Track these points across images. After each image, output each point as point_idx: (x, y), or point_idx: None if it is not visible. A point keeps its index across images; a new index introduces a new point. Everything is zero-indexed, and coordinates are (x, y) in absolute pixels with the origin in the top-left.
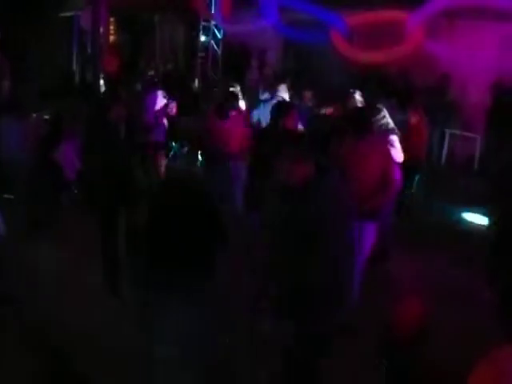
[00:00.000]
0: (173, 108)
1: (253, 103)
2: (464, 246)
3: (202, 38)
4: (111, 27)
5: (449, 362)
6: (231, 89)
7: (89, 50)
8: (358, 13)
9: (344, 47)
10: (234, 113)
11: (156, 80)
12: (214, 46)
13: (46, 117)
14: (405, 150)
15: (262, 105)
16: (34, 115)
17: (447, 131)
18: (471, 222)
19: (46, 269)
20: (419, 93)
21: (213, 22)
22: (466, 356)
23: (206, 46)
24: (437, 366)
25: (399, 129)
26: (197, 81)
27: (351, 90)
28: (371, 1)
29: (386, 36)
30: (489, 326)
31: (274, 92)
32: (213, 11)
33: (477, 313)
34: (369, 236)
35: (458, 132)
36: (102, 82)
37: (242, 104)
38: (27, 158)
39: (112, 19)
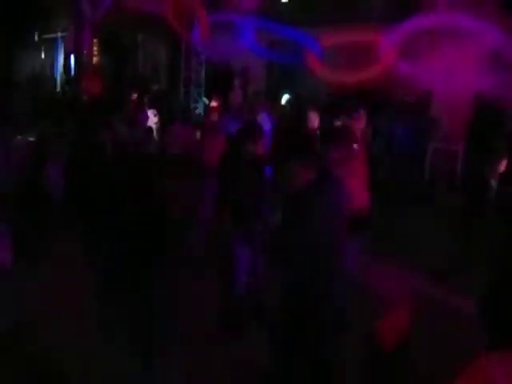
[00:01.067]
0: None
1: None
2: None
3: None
4: (94, 48)
5: (431, 370)
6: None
7: (71, 72)
8: (331, 33)
9: (318, 68)
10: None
11: (145, 100)
12: (197, 66)
13: (31, 139)
14: None
15: None
16: (19, 137)
17: (430, 145)
18: None
19: (36, 292)
20: (400, 109)
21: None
22: (449, 364)
23: (189, 66)
24: (420, 374)
25: None
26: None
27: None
28: (346, 19)
29: (359, 56)
30: (472, 333)
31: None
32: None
33: (459, 321)
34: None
35: (439, 145)
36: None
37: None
38: (13, 181)
39: (95, 40)
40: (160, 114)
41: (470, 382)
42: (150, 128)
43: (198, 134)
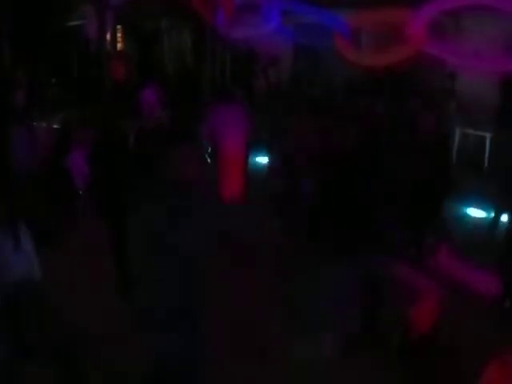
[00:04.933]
0: None
1: None
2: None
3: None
4: (118, 35)
5: (462, 362)
6: None
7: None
8: (360, 12)
9: (347, 50)
10: None
11: None
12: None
13: (56, 126)
14: None
15: None
16: (44, 124)
17: (457, 130)
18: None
19: (58, 279)
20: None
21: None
22: (478, 356)
23: (214, 51)
24: (450, 364)
25: None
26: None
27: None
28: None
29: (389, 37)
30: (501, 326)
31: None
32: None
33: (489, 313)
34: None
35: (469, 131)
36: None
37: None
38: (37, 167)
39: (119, 27)
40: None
41: (497, 375)
42: None
43: None
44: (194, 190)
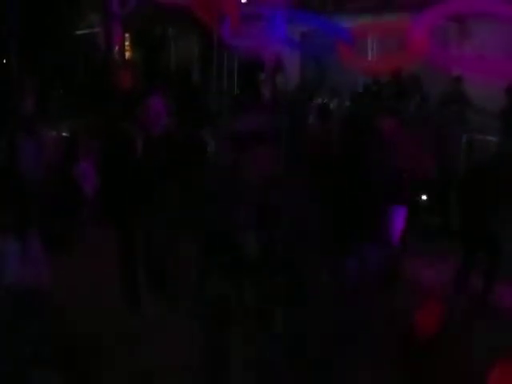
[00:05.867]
0: None
1: None
2: None
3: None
4: (126, 43)
5: (467, 362)
6: None
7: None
8: (363, 21)
9: (349, 57)
10: None
11: None
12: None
13: (65, 134)
14: None
15: None
16: (53, 133)
17: (464, 136)
18: None
19: (68, 284)
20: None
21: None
22: (484, 356)
23: (221, 59)
24: (455, 365)
25: None
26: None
27: None
28: (377, 8)
29: (391, 44)
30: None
31: None
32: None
33: (494, 313)
34: None
35: (475, 136)
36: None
37: None
38: (46, 176)
39: (127, 35)
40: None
41: (505, 375)
42: None
43: None
44: None
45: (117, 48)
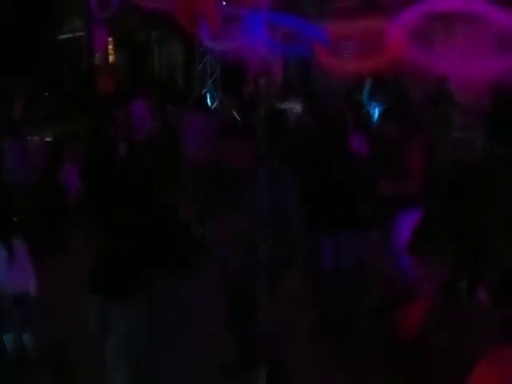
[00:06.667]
0: None
1: None
2: None
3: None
4: (110, 47)
5: (448, 362)
6: None
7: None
8: (339, 23)
9: (326, 58)
10: None
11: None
12: (212, 62)
13: (48, 139)
14: None
15: None
16: (36, 138)
17: (449, 135)
18: None
19: (51, 289)
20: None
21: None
22: (465, 355)
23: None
24: (437, 365)
25: None
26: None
27: None
28: (353, 11)
29: (369, 45)
30: (488, 326)
31: None
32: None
33: (475, 313)
34: None
35: (459, 135)
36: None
37: None
38: (30, 180)
39: (110, 39)
40: None
41: (485, 375)
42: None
43: None
44: None
45: (100, 52)
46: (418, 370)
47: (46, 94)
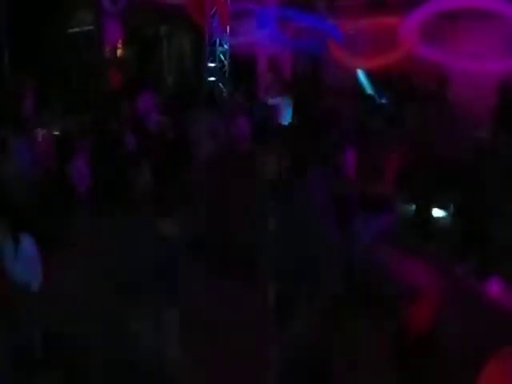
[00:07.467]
0: None
1: None
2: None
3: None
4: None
5: (459, 361)
6: None
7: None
8: (352, 20)
9: (339, 54)
10: None
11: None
12: (221, 56)
13: (56, 133)
14: None
15: None
16: (44, 131)
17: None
18: None
19: (61, 282)
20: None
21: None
22: (475, 355)
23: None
24: (447, 364)
25: None
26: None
27: None
28: (367, 8)
29: (380, 42)
30: (499, 325)
31: None
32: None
33: (485, 313)
34: None
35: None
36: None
37: None
38: (39, 174)
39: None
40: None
41: (495, 373)
42: None
43: None
44: None
45: (110, 46)
46: (427, 369)
47: (55, 89)
